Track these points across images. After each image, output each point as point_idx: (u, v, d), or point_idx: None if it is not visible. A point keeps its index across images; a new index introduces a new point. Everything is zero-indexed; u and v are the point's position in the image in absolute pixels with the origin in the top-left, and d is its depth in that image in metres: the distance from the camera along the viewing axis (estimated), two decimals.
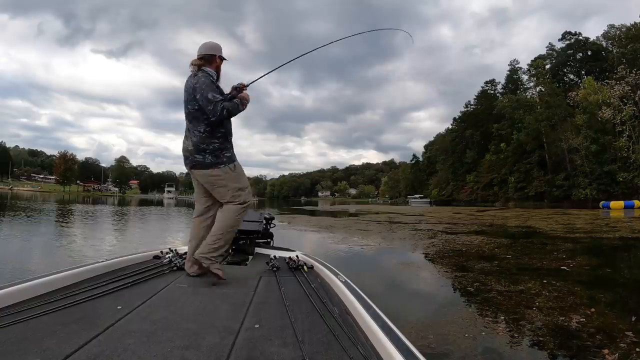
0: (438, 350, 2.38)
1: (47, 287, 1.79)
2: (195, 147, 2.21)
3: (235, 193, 2.24)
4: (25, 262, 5.12)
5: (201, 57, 2.30)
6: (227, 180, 2.23)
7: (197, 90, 2.15)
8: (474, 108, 65.84)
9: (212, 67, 2.32)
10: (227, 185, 2.23)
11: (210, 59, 2.32)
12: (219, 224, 2.22)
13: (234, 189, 2.24)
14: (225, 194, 2.23)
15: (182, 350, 1.23)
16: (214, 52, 2.34)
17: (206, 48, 2.33)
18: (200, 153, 2.20)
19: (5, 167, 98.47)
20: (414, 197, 75.26)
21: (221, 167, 2.21)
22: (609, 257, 6.34)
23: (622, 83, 37.41)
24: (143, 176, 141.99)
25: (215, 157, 2.20)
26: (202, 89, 2.14)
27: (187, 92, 2.23)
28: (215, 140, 2.22)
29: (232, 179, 2.24)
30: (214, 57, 2.34)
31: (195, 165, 2.24)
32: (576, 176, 40.89)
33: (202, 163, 2.21)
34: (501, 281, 4.14)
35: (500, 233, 9.93)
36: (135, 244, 7.28)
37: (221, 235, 2.17)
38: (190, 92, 2.20)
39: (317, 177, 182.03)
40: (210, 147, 2.19)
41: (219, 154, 2.21)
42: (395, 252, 6.98)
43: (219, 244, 2.15)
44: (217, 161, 2.20)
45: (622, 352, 2.27)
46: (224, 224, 2.21)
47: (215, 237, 2.16)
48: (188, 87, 2.25)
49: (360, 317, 1.53)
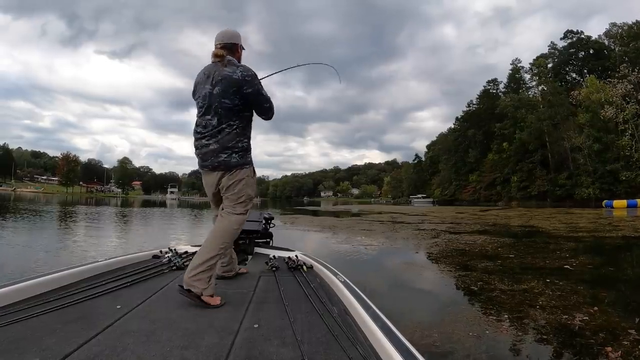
0: (442, 348, 2.40)
1: (47, 286, 1.79)
2: (222, 145, 1.93)
3: (246, 201, 2.02)
4: (28, 262, 5.17)
5: (222, 46, 2.02)
6: (246, 184, 2.00)
7: (247, 83, 1.91)
8: (476, 107, 65.77)
9: (235, 57, 2.05)
10: (243, 190, 1.99)
11: (233, 49, 2.06)
12: (218, 236, 1.92)
13: (247, 196, 2.02)
14: (237, 199, 1.99)
15: (181, 349, 1.23)
16: (237, 41, 2.08)
17: (228, 36, 2.06)
18: (226, 151, 1.94)
19: (8, 169, 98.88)
20: (417, 197, 75.07)
21: (246, 168, 2.00)
22: (611, 256, 6.33)
23: (624, 82, 37.30)
24: (146, 177, 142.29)
25: (241, 157, 1.97)
26: (254, 84, 1.94)
27: (223, 84, 1.91)
28: (245, 139, 2.01)
29: (250, 184, 2.03)
30: (237, 46, 2.08)
31: (218, 166, 1.96)
32: (579, 175, 40.77)
33: (227, 163, 1.95)
34: (504, 280, 4.16)
35: (503, 232, 9.92)
36: (138, 245, 7.32)
37: (219, 250, 1.88)
38: (230, 84, 1.90)
39: (319, 177, 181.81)
40: (239, 145, 1.96)
41: (244, 154, 1.99)
42: (398, 252, 7.00)
43: (213, 262, 1.83)
44: (243, 162, 1.98)
45: (625, 350, 2.29)
46: (224, 237, 1.93)
47: (211, 254, 1.83)
48: (223, 78, 1.92)
49: (359, 317, 1.54)
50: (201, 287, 1.73)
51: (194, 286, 1.72)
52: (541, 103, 48.68)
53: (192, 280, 1.73)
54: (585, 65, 50.37)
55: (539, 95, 51.10)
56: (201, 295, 1.73)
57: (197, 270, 1.76)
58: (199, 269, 1.76)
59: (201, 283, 1.74)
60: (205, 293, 1.74)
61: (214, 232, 1.95)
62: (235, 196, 1.98)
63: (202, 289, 1.73)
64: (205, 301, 1.73)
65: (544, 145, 46.69)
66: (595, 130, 38.92)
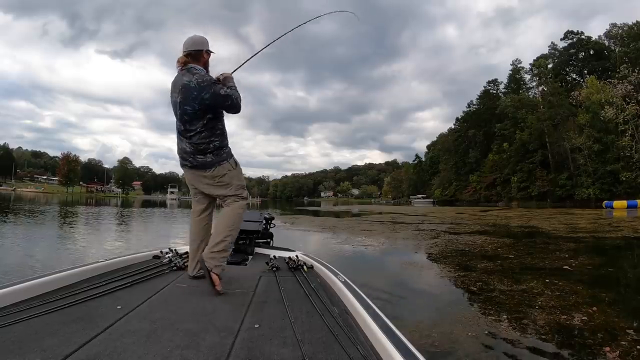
0: (442, 349, 2.41)
1: (47, 286, 1.80)
2: (194, 147, 2.13)
3: (239, 190, 2.21)
4: (30, 261, 5.18)
5: (187, 53, 2.17)
6: (230, 176, 2.19)
7: (203, 89, 2.03)
8: (477, 108, 65.76)
9: (200, 63, 2.19)
10: (231, 182, 2.18)
11: (197, 55, 2.19)
12: (225, 222, 2.13)
13: (236, 185, 2.21)
14: (228, 191, 2.18)
15: (181, 350, 1.23)
16: (201, 47, 2.20)
17: (191, 44, 2.19)
18: (201, 153, 2.13)
19: (8, 169, 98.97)
20: (417, 198, 75.14)
21: (223, 164, 2.17)
22: (611, 256, 6.34)
23: (624, 82, 37.29)
24: (146, 177, 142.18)
25: (216, 156, 2.15)
26: (210, 87, 2.05)
27: (183, 92, 2.08)
28: (215, 139, 2.15)
29: (235, 175, 2.22)
30: (201, 52, 2.20)
31: (196, 166, 2.16)
32: (579, 176, 40.75)
33: (203, 163, 2.14)
34: (504, 281, 4.17)
35: (503, 233, 9.93)
36: (139, 245, 7.34)
37: (229, 232, 2.11)
38: (188, 92, 2.06)
39: (319, 177, 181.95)
40: (211, 145, 2.13)
41: (219, 152, 2.17)
42: (398, 252, 7.01)
43: (226, 242, 2.08)
44: (219, 159, 2.15)
45: (623, 350, 2.31)
46: (230, 221, 2.14)
47: (223, 235, 2.08)
48: (182, 86, 2.09)
49: (359, 317, 1.54)
50: (213, 264, 1.97)
51: (207, 262, 1.97)
52: (541, 103, 48.70)
53: (207, 257, 2.00)
54: (586, 65, 50.33)
55: (539, 96, 51.13)
56: (211, 270, 1.95)
57: (211, 250, 2.03)
58: (213, 248, 2.04)
59: (213, 261, 1.99)
60: (215, 270, 1.96)
61: (220, 216, 2.17)
62: (227, 190, 2.19)
63: (213, 265, 1.97)
64: (212, 278, 1.94)
65: (544, 146, 46.67)
66: (595, 130, 38.89)
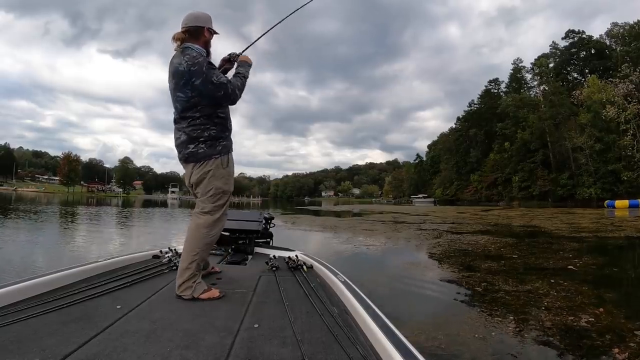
0: (448, 350, 2.39)
1: (47, 286, 1.79)
2: (188, 136, 1.88)
3: (215, 195, 1.89)
4: (32, 261, 5.17)
5: (186, 29, 1.88)
6: (213, 176, 1.89)
7: (194, 74, 1.77)
8: (478, 107, 65.76)
9: (200, 42, 1.91)
10: (211, 183, 1.88)
11: (197, 33, 1.90)
12: (188, 242, 1.86)
13: (216, 189, 1.89)
14: (204, 194, 1.89)
15: (181, 350, 1.23)
16: (202, 24, 1.91)
17: (192, 19, 1.90)
18: (194, 142, 1.87)
19: (9, 168, 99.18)
20: (418, 197, 75.08)
21: (215, 159, 1.89)
22: (615, 256, 6.33)
23: (626, 81, 37.34)
24: (147, 177, 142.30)
25: (209, 147, 1.88)
26: (202, 72, 1.77)
27: (176, 77, 1.84)
28: (213, 127, 1.89)
29: (220, 176, 1.91)
30: (202, 29, 1.91)
31: (187, 158, 1.91)
32: (580, 175, 40.75)
33: (194, 154, 1.88)
34: (509, 281, 4.15)
35: (505, 233, 9.90)
36: (139, 245, 7.32)
37: (194, 257, 1.82)
38: (181, 77, 1.81)
39: (320, 177, 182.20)
40: (206, 134, 1.87)
41: (214, 142, 1.89)
42: (401, 252, 6.99)
43: (192, 268, 1.80)
44: (211, 152, 1.88)
45: (632, 352, 2.28)
46: (193, 242, 1.85)
47: (187, 261, 1.81)
48: (174, 71, 1.85)
49: (359, 316, 1.53)
50: (189, 293, 1.77)
51: (185, 294, 1.77)
52: (542, 103, 48.72)
53: (180, 291, 1.79)
54: (587, 65, 50.31)
55: (541, 95, 51.12)
56: (195, 296, 1.77)
57: (181, 280, 1.79)
58: (181, 278, 1.80)
59: (188, 290, 1.78)
60: (196, 294, 1.77)
61: (186, 237, 1.91)
62: (202, 190, 1.90)
63: (191, 294, 1.77)
64: (203, 298, 1.77)
65: (545, 145, 46.67)
66: (596, 130, 38.89)
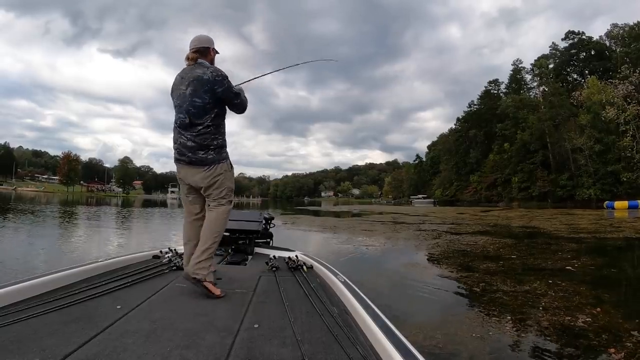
0: (446, 350, 2.40)
1: (47, 286, 1.79)
2: (197, 143, 2.07)
3: (228, 193, 2.18)
4: (31, 261, 5.18)
5: (196, 50, 2.21)
6: (225, 178, 2.15)
7: (217, 82, 2.07)
8: (478, 108, 65.75)
9: (207, 59, 2.25)
10: (224, 184, 2.15)
11: (205, 52, 2.25)
12: (212, 227, 2.09)
13: (228, 188, 2.18)
14: (219, 193, 2.14)
15: (181, 350, 1.23)
16: (209, 45, 2.27)
17: (200, 41, 2.26)
18: (204, 149, 2.08)
19: (9, 168, 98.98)
20: (417, 198, 74.99)
21: (222, 164, 2.15)
22: (613, 257, 6.34)
23: (625, 82, 37.35)
24: (147, 177, 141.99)
25: (217, 154, 2.12)
26: (224, 82, 2.10)
27: (194, 84, 2.08)
28: (220, 137, 2.15)
29: (229, 177, 2.20)
30: (209, 49, 2.27)
31: (194, 162, 2.10)
32: (580, 176, 40.77)
33: (203, 160, 2.08)
34: (507, 281, 4.16)
35: (504, 233, 9.92)
36: (139, 245, 7.33)
37: (215, 239, 2.07)
38: (203, 84, 2.07)
39: (320, 177, 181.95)
40: (215, 142, 2.11)
41: (220, 150, 2.15)
42: (400, 253, 7.00)
43: (212, 249, 2.03)
44: (219, 157, 2.13)
45: (628, 351, 2.30)
46: (217, 227, 2.11)
47: (210, 242, 2.04)
48: (195, 78, 2.09)
49: (359, 317, 1.54)
50: (203, 273, 1.92)
51: (197, 273, 1.91)
52: (542, 104, 48.73)
53: (195, 269, 1.92)
54: (587, 66, 50.31)
55: (540, 96, 51.15)
56: (204, 280, 1.91)
57: (199, 259, 1.95)
58: (201, 257, 1.96)
59: (203, 270, 1.92)
60: (208, 279, 1.92)
61: (207, 223, 2.12)
62: (218, 190, 2.14)
63: (204, 275, 1.91)
64: (207, 287, 1.91)
65: (545, 146, 46.69)
66: (596, 131, 38.91)
